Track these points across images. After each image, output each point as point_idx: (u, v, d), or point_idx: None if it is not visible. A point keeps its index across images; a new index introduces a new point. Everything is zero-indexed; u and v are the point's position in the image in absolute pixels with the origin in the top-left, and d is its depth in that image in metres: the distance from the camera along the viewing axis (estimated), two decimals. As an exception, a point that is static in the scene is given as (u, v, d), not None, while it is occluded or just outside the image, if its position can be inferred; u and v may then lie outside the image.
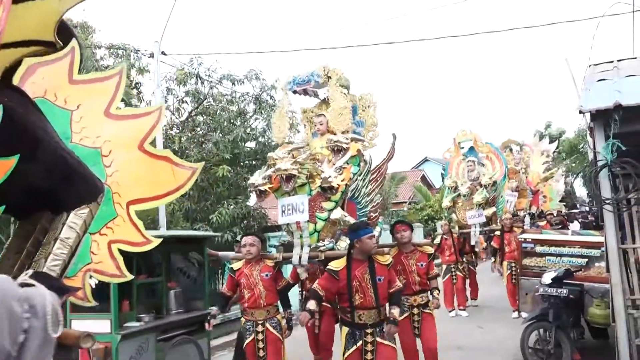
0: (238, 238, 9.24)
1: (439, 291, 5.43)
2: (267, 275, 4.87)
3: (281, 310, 5.11)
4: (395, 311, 4.27)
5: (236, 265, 5.05)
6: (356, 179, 5.16)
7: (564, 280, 5.98)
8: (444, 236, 9.87)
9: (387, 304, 4.39)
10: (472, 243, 9.80)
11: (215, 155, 11.57)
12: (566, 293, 5.80)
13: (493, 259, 10.03)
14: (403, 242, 5.26)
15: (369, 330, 4.18)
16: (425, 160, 37.55)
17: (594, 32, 12.96)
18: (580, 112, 4.55)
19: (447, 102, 74.87)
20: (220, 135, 11.95)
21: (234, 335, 8.79)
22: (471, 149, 10.78)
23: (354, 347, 4.18)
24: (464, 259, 9.96)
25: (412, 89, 79.45)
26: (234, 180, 11.62)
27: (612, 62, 5.88)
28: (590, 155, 5.88)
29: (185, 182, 2.60)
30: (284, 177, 4.61)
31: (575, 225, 14.73)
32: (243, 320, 5.04)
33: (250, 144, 12.72)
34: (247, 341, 4.85)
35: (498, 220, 9.89)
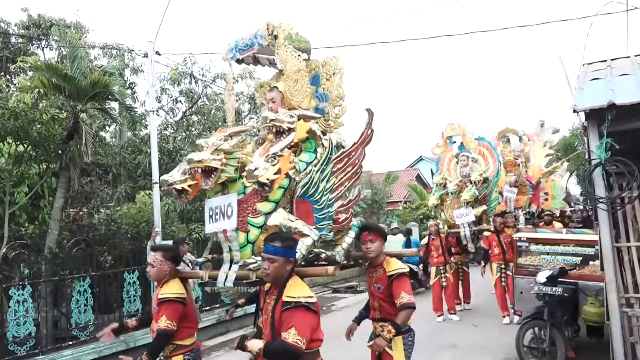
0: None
1: (396, 328, 3.78)
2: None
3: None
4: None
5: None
6: (310, 171, 3.90)
7: (559, 279, 6.01)
8: (432, 237, 9.37)
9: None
10: (464, 243, 9.28)
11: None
12: (561, 291, 5.83)
13: (483, 264, 9.49)
14: (369, 256, 4.13)
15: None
16: (420, 159, 37.63)
17: (588, 31, 13.05)
18: (574, 111, 4.55)
19: (442, 101, 75.05)
20: (216, 135, 11.91)
21: (230, 335, 8.82)
22: (463, 144, 10.28)
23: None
24: (452, 260, 9.45)
25: (407, 87, 79.58)
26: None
27: (605, 61, 5.91)
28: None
29: None
30: (202, 170, 3.53)
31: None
32: None
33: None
34: None
35: (490, 220, 9.32)
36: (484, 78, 79.66)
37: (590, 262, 6.43)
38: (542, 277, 6.00)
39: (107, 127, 13.68)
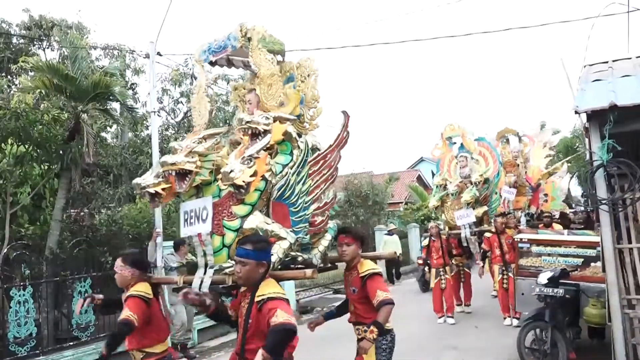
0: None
1: (378, 327, 3.67)
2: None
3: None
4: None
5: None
6: (286, 173, 3.85)
7: (560, 280, 6.00)
8: (432, 238, 9.27)
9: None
10: (464, 244, 9.17)
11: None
12: (562, 293, 5.82)
13: (482, 263, 9.30)
14: (344, 259, 4.13)
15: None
16: (421, 160, 37.65)
17: (589, 33, 13.02)
18: (576, 112, 4.55)
19: (443, 102, 74.99)
20: (217, 135, 11.90)
21: (232, 336, 8.81)
22: (463, 144, 10.12)
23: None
24: (453, 262, 9.35)
25: (408, 89, 79.56)
26: (231, 180, 11.57)
27: (607, 62, 5.89)
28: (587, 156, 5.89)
29: None
30: (176, 173, 3.47)
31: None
32: None
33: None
34: None
35: (492, 221, 9.20)
36: (485, 79, 79.67)
37: (592, 264, 6.41)
38: (543, 278, 5.99)
39: (108, 128, 13.71)
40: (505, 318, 8.47)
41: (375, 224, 16.07)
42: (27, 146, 9.15)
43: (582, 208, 20.48)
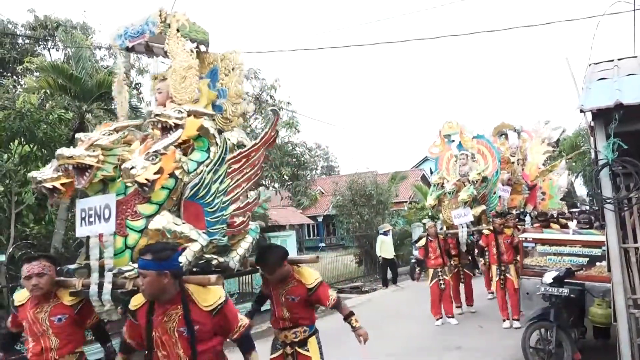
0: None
1: (355, 319, 3.98)
2: (59, 320, 3.44)
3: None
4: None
5: (20, 298, 3.72)
6: (202, 171, 3.59)
7: (565, 280, 5.98)
8: (430, 238, 8.98)
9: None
10: (462, 242, 8.98)
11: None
12: (567, 292, 5.79)
13: (483, 261, 9.18)
14: (271, 280, 4.03)
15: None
16: (425, 159, 37.58)
17: (594, 31, 12.91)
18: (581, 111, 4.53)
19: (447, 101, 74.84)
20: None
21: (235, 336, 8.80)
22: (461, 142, 9.96)
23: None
24: (452, 262, 9.18)
25: (412, 88, 79.44)
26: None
27: (612, 60, 5.86)
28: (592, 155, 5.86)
29: None
30: (75, 168, 3.16)
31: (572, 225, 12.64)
32: None
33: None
34: None
35: (490, 221, 8.99)
36: (490, 78, 79.49)
37: (597, 263, 6.38)
38: (548, 278, 5.97)
39: (112, 128, 13.72)
40: (504, 320, 8.29)
41: (379, 223, 16.03)
42: (32, 146, 9.19)
43: (587, 207, 20.22)
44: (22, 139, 9.03)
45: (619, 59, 5.88)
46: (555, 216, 12.05)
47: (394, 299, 12.27)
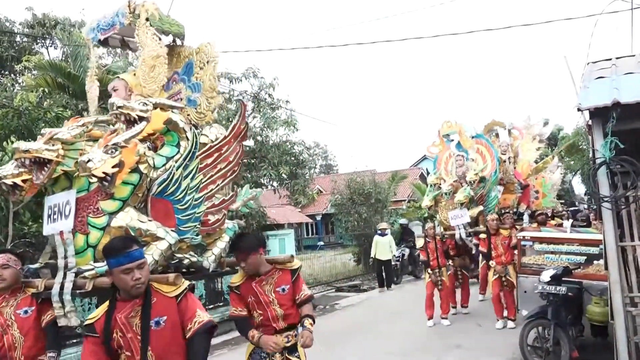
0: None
1: (313, 320, 3.49)
2: (26, 312, 3.23)
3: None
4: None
5: None
6: (170, 166, 3.44)
7: (563, 278, 5.99)
8: (428, 239, 8.83)
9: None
10: (460, 243, 8.86)
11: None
12: (565, 291, 5.81)
13: (485, 262, 8.85)
14: (248, 274, 3.55)
15: None
16: (424, 158, 37.62)
17: (593, 30, 12.91)
18: (579, 109, 4.53)
19: (446, 100, 74.85)
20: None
21: (233, 334, 8.83)
22: (460, 142, 9.82)
23: None
24: (450, 263, 9.03)
25: (411, 87, 79.43)
26: (233, 178, 11.60)
27: (610, 59, 5.86)
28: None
29: None
30: (34, 162, 3.02)
31: (566, 223, 12.17)
32: None
33: (249, 142, 12.71)
34: None
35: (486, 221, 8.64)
36: (489, 77, 79.53)
37: (595, 262, 6.40)
38: (546, 276, 5.98)
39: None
40: (498, 320, 8.18)
41: (378, 221, 16.03)
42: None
43: (584, 206, 20.16)
44: (19, 137, 9.02)
45: (617, 58, 5.88)
46: (549, 215, 11.74)
47: (392, 298, 12.28)
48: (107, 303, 2.56)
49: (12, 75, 12.24)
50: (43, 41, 13.20)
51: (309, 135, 67.03)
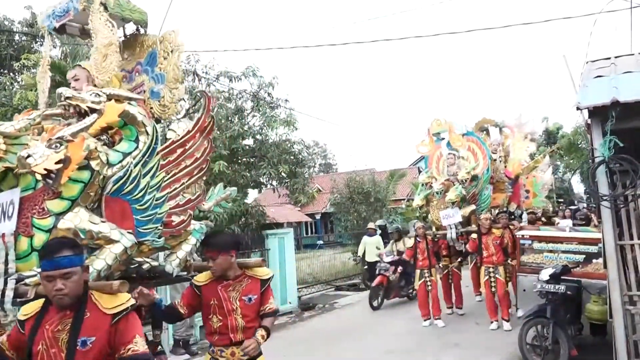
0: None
1: (268, 334, 3.25)
2: None
3: None
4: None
5: None
6: (128, 163, 3.16)
7: (562, 277, 6.00)
8: (418, 239, 8.79)
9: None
10: (451, 244, 8.76)
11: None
12: (564, 289, 5.83)
13: (475, 261, 8.89)
14: (214, 274, 3.30)
15: None
16: (423, 157, 37.56)
17: (592, 29, 12.90)
18: (578, 108, 4.54)
19: (445, 99, 74.90)
20: (218, 132, 11.93)
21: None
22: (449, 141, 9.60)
23: None
24: (441, 263, 8.88)
25: (411, 85, 79.45)
26: (232, 176, 11.60)
27: (609, 58, 5.87)
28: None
29: None
30: None
31: (566, 222, 12.33)
32: None
33: (248, 141, 12.68)
34: None
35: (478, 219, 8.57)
36: (488, 76, 79.54)
37: (594, 260, 6.42)
38: (545, 275, 6.00)
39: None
40: (492, 322, 8.07)
41: (377, 220, 16.02)
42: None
43: (583, 205, 20.07)
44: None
45: (616, 57, 5.89)
46: (540, 216, 11.70)
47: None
48: (42, 300, 2.39)
49: (11, 74, 12.21)
50: (42, 40, 13.19)
51: (309, 134, 67.10)
